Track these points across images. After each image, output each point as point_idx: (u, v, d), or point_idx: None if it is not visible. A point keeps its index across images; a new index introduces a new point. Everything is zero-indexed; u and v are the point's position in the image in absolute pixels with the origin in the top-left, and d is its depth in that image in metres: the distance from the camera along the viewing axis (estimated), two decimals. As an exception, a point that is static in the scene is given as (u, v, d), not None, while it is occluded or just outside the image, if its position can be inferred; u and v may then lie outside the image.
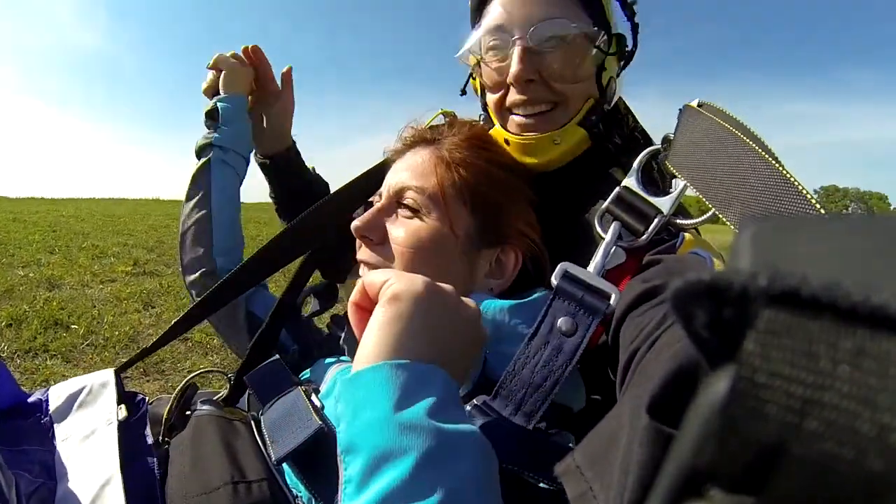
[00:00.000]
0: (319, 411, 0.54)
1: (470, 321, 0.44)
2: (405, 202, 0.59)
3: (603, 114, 0.64)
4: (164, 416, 0.65)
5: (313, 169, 0.94)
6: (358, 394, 0.37)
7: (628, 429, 0.29)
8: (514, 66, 0.60)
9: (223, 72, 0.85)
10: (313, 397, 0.56)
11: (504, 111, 0.66)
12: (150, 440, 0.61)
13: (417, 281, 0.41)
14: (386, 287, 0.41)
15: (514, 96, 0.64)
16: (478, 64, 0.68)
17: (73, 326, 2.65)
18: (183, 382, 0.68)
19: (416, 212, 0.59)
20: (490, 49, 0.64)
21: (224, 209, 0.82)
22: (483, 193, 0.60)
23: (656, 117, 0.72)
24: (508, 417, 0.46)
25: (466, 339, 0.43)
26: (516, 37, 0.60)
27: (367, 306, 0.44)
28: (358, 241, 0.63)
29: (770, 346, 0.12)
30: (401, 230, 0.59)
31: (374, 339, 0.39)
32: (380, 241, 0.60)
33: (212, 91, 0.88)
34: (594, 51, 0.62)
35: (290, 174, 0.90)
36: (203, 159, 0.83)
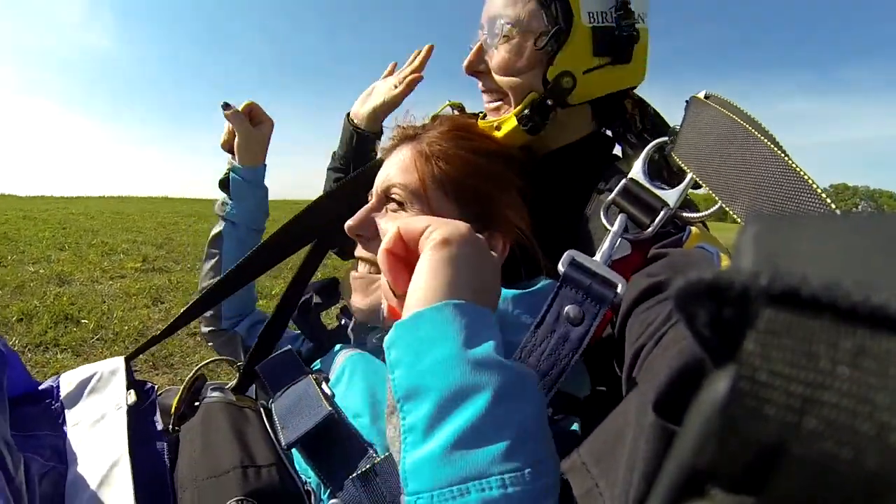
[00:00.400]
0: (330, 398, 0.55)
1: (497, 273, 0.43)
2: (392, 197, 0.62)
3: (545, 108, 0.65)
4: (174, 406, 0.66)
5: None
6: (419, 333, 0.35)
7: (634, 426, 0.29)
8: (466, 59, 0.69)
9: (237, 136, 0.85)
10: (324, 385, 0.57)
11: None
12: (159, 426, 0.62)
13: (462, 226, 0.40)
14: (430, 231, 0.39)
15: (479, 85, 0.72)
16: None
17: (83, 321, 2.68)
18: (193, 372, 0.70)
19: (401, 205, 0.61)
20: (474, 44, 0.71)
21: None
22: (465, 183, 0.61)
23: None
24: None
25: (496, 289, 0.42)
26: (482, 32, 0.68)
27: (401, 253, 0.42)
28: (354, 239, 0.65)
29: (770, 345, 0.12)
30: (389, 225, 0.60)
31: (425, 282, 0.37)
32: (371, 236, 0.62)
33: (227, 146, 0.88)
34: (533, 47, 0.63)
35: (364, 153, 0.92)
36: (217, 229, 0.88)
